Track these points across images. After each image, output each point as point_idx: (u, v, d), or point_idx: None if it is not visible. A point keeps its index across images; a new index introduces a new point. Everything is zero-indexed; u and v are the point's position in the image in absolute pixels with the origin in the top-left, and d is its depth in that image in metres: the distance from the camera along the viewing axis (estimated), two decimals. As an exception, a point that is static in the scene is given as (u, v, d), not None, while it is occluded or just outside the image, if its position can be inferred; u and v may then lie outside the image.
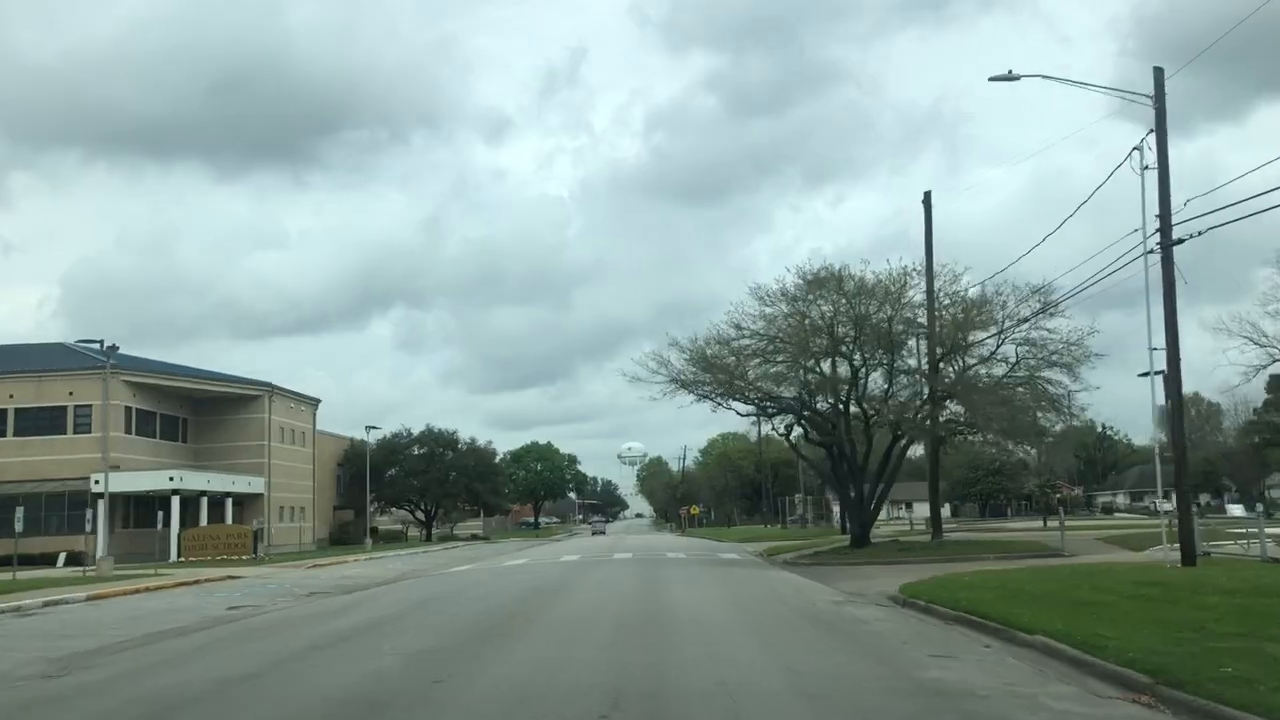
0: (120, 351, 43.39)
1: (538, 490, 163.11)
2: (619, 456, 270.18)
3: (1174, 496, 23.93)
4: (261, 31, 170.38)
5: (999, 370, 31.80)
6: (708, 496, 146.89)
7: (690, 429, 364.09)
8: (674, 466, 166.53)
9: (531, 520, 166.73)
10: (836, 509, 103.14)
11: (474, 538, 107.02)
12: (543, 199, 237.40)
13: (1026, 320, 30.62)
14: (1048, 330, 30.74)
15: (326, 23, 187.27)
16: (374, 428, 70.02)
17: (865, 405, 32.48)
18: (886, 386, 32.07)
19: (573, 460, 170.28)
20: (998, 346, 31.55)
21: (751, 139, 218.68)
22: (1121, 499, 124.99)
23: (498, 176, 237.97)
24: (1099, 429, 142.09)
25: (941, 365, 31.42)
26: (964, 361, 31.84)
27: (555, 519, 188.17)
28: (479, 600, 20.79)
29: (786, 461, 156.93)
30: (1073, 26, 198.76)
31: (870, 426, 32.85)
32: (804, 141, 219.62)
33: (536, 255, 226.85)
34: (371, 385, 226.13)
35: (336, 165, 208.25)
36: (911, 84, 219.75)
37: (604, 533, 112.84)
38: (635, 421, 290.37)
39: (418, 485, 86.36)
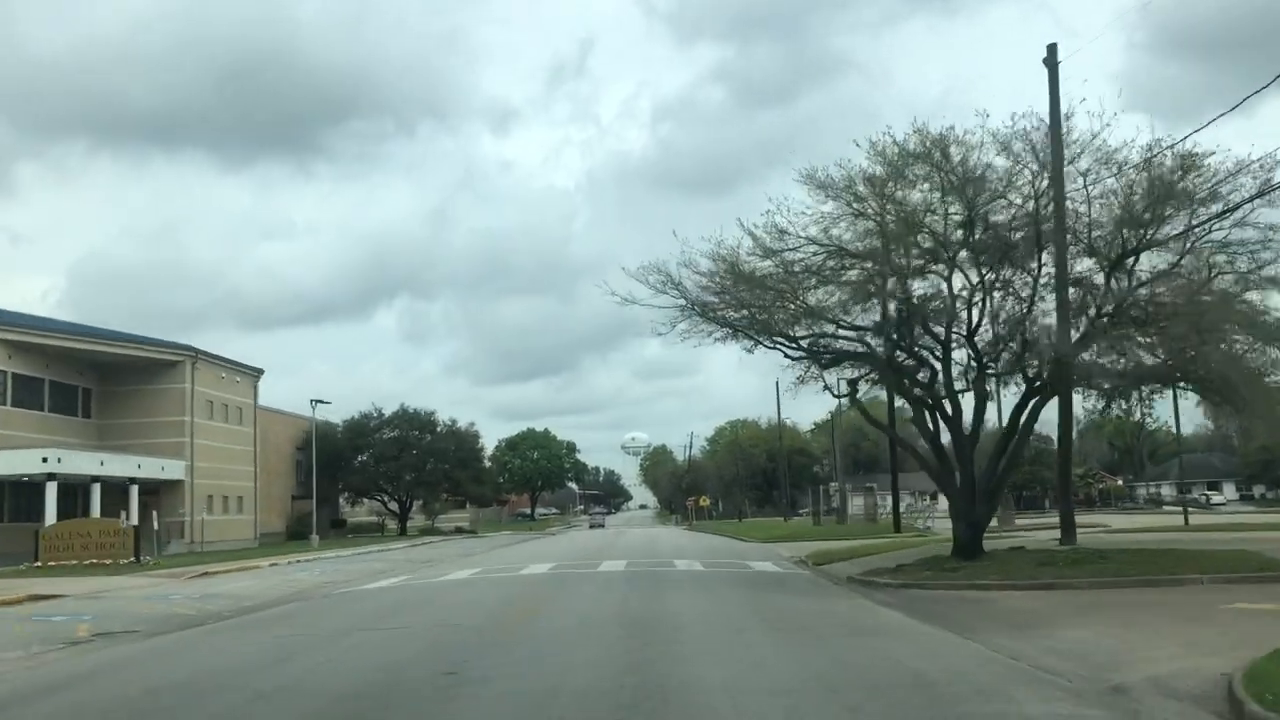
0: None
1: (534, 480, 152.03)
2: (622, 447, 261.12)
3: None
4: (270, 24, 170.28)
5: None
6: (715, 487, 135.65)
7: (697, 420, 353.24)
8: (679, 456, 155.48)
9: (528, 511, 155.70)
10: (858, 500, 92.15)
11: (458, 531, 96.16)
12: (549, 190, 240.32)
13: (1229, 212, 19.44)
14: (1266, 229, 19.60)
15: (335, 14, 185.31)
16: (321, 402, 58.61)
17: (976, 345, 21.23)
18: (1022, 312, 20.56)
19: (572, 448, 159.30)
20: (1185, 251, 20.32)
21: (759, 130, 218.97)
22: (1167, 490, 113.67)
23: (504, 168, 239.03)
24: (1138, 415, 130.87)
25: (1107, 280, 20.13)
26: (1131, 279, 20.55)
27: (554, 510, 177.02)
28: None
29: (801, 449, 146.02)
30: (1079, 20, 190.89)
31: (983, 376, 21.56)
32: (811, 133, 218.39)
33: (542, 247, 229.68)
34: (376, 376, 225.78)
35: (343, 156, 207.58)
36: (919, 74, 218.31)
37: (603, 525, 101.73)
38: (640, 413, 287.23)
39: (387, 472, 75.34)
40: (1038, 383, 20.55)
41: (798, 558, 29.89)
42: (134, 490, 44.96)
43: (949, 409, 21.55)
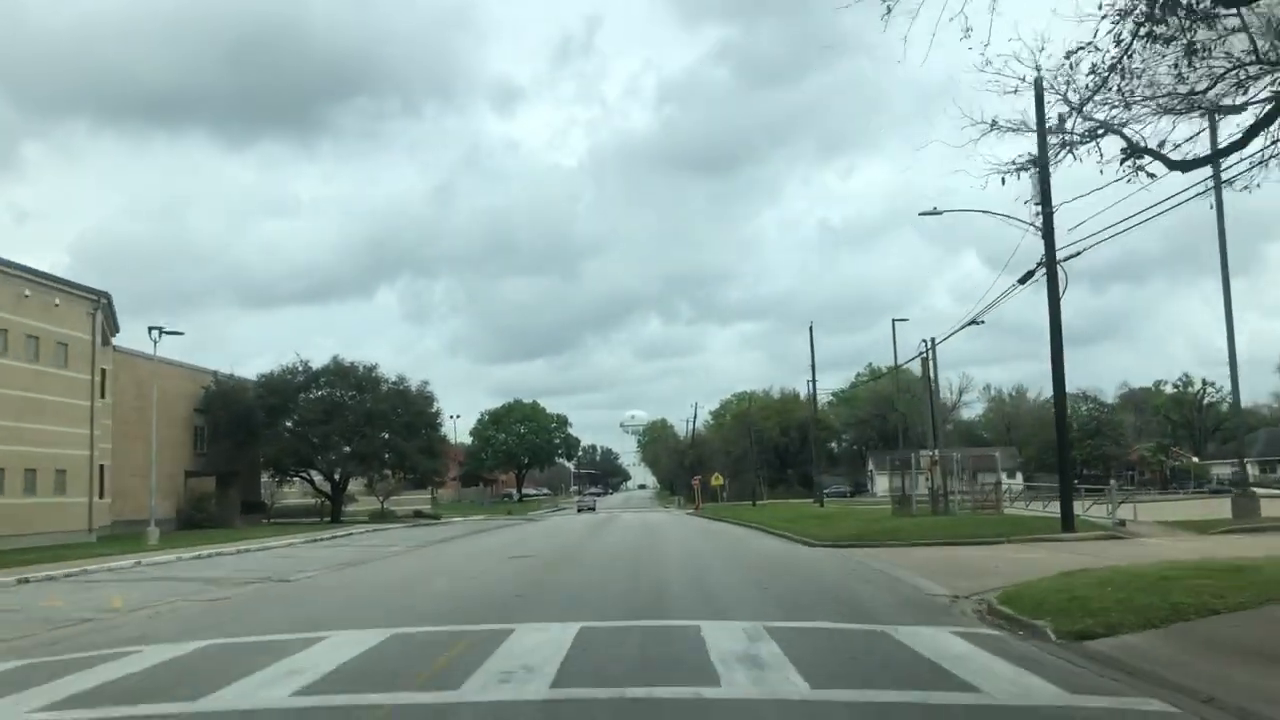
0: None
1: (519, 456, 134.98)
2: (621, 425, 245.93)
3: None
4: (271, 2, 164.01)
5: None
6: (722, 464, 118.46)
7: (701, 396, 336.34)
8: (681, 431, 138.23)
9: (514, 492, 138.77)
10: (886, 479, 75.22)
11: (417, 515, 79.09)
12: (552, 169, 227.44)
13: None
14: None
15: None
16: (170, 333, 40.63)
17: None
18: None
19: (562, 421, 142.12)
20: None
21: (764, 110, 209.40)
22: (1251, 469, 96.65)
23: (509, 146, 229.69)
24: (1199, 385, 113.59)
25: None
26: None
27: (544, 491, 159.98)
28: None
29: (818, 421, 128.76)
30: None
31: None
32: (816, 112, 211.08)
33: (545, 225, 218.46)
34: (378, 354, 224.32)
35: (347, 134, 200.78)
36: (927, 53, 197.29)
37: (593, 508, 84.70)
38: (641, 392, 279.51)
39: (315, 442, 58.12)
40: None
41: (978, 597, 12.79)
42: None
43: None
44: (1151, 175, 11.42)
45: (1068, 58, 10.50)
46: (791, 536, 30.87)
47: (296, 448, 57.87)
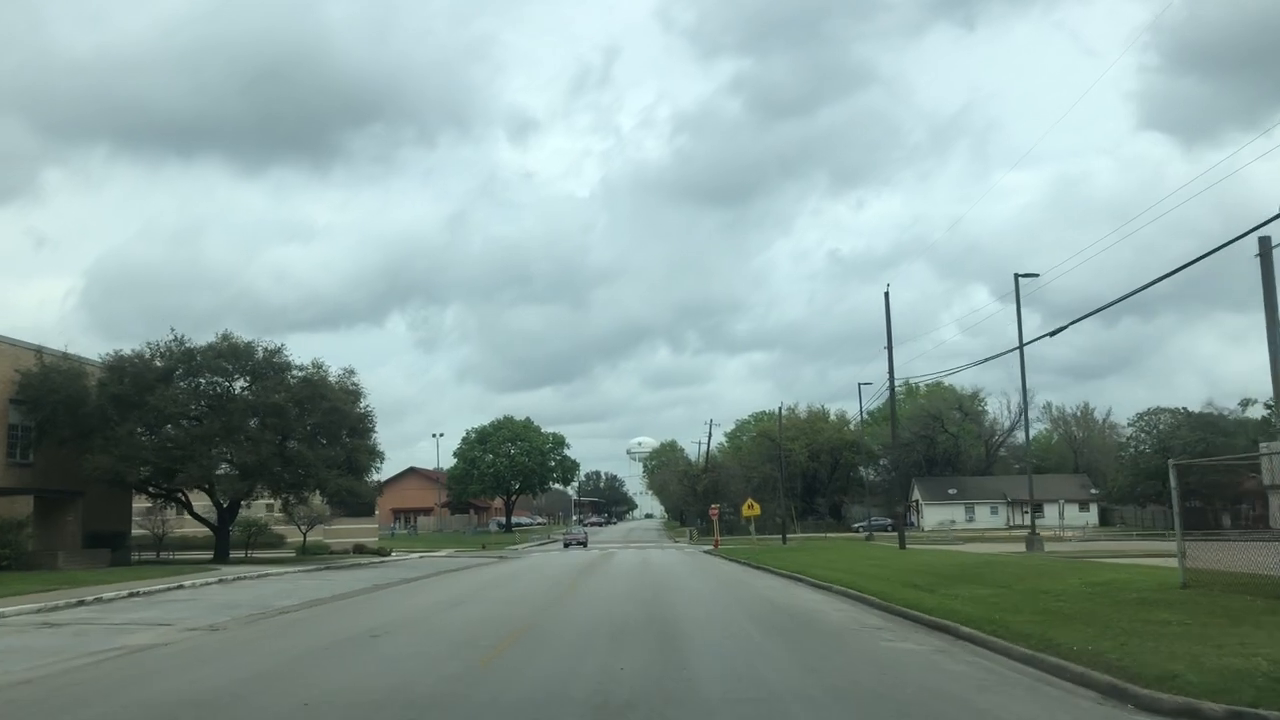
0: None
1: (507, 480, 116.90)
2: (628, 452, 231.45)
3: None
4: (294, 31, 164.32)
5: None
6: (741, 491, 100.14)
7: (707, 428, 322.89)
8: (693, 454, 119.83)
9: (502, 520, 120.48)
10: (940, 512, 58.47)
11: (357, 552, 61.55)
12: (566, 199, 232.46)
13: None
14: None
15: (363, 19, 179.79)
16: None
17: None
18: None
19: (559, 442, 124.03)
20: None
21: (776, 142, 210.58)
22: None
23: (523, 176, 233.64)
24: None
25: None
26: None
27: (539, 519, 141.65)
28: None
29: (851, 444, 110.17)
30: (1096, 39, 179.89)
31: None
32: (829, 145, 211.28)
33: (557, 255, 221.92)
34: (390, 381, 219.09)
35: (361, 161, 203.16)
36: (939, 88, 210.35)
37: (583, 543, 66.43)
38: (649, 421, 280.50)
39: (177, 445, 40.43)
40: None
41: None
42: None
43: None
44: None
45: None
46: (922, 617, 13.17)
47: (148, 456, 40.16)
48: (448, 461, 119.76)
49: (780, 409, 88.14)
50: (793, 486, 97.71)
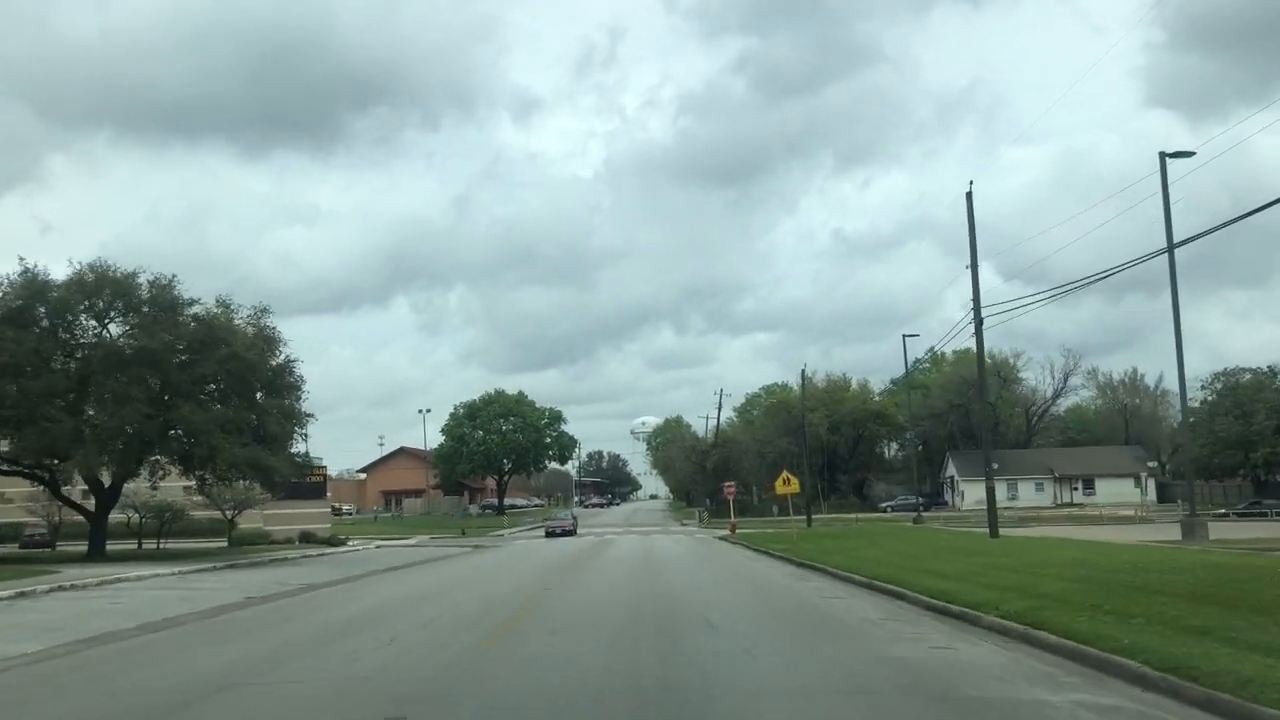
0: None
1: (499, 459, 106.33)
2: (632, 432, 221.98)
3: None
4: (297, 14, 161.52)
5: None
6: (754, 468, 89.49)
7: (713, 408, 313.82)
8: (700, 429, 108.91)
9: (496, 503, 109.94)
10: (973, 489, 48.52)
11: (304, 540, 51.34)
12: (570, 180, 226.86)
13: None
14: None
15: (366, 2, 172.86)
16: None
17: None
18: None
19: (555, 417, 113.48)
20: None
21: (781, 121, 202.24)
22: None
23: (527, 157, 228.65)
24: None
25: None
26: None
27: (535, 501, 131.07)
28: None
29: (877, 414, 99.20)
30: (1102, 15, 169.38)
31: None
32: (834, 123, 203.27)
33: (562, 236, 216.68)
34: (394, 363, 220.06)
35: (364, 144, 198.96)
36: (947, 66, 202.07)
37: (571, 531, 55.61)
38: (653, 402, 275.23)
39: (15, 401, 29.79)
40: None
41: None
42: None
43: None
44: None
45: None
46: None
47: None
48: (437, 440, 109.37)
49: (804, 373, 76.63)
50: (814, 462, 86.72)
